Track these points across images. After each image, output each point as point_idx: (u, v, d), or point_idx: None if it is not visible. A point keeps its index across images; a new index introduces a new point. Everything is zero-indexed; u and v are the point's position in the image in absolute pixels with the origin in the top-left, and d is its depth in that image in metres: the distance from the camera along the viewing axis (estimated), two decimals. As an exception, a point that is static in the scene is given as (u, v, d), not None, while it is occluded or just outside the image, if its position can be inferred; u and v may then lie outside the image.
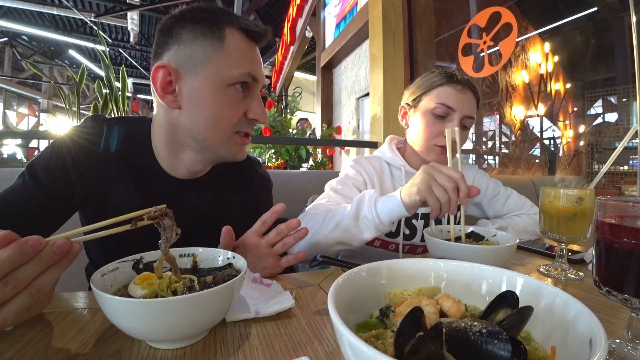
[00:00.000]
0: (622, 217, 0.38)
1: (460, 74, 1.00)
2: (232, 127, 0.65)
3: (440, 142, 0.97)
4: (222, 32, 0.61)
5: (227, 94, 0.63)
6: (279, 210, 0.63)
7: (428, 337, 0.27)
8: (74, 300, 0.52)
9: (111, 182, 0.68)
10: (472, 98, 0.99)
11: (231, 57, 0.62)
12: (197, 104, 0.63)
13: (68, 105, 2.58)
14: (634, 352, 0.37)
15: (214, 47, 0.61)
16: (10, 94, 9.13)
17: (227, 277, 0.44)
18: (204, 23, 0.61)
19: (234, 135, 0.67)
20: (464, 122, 0.98)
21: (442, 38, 2.85)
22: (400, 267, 0.43)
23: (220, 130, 0.65)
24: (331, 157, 4.41)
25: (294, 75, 7.86)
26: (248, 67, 0.64)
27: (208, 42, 0.61)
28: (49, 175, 0.64)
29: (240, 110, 0.65)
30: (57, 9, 5.92)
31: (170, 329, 0.37)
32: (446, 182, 0.65)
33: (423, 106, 1.00)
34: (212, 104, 0.63)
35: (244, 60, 0.64)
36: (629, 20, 1.58)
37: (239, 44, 0.63)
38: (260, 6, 6.60)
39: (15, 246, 0.34)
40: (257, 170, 0.88)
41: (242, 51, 0.64)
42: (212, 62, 0.61)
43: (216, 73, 0.62)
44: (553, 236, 0.69)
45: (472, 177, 1.13)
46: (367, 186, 1.00)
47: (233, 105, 0.64)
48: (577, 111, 4.87)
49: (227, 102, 0.64)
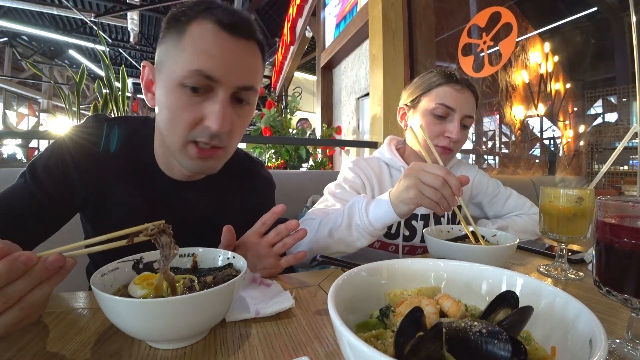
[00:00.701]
0: (622, 217, 0.38)
1: (459, 74, 0.99)
2: (184, 133, 0.58)
3: (440, 143, 0.97)
4: (185, 26, 0.56)
5: (177, 95, 0.57)
6: (278, 211, 0.62)
7: (428, 337, 0.27)
8: (74, 300, 0.52)
9: (111, 182, 0.67)
10: (472, 97, 0.99)
11: (184, 53, 0.56)
12: (159, 105, 0.60)
13: (68, 105, 2.58)
14: (634, 352, 0.37)
15: (174, 43, 0.57)
16: (10, 94, 9.13)
17: (227, 277, 0.44)
18: (172, 18, 0.58)
19: (189, 145, 0.60)
20: (464, 121, 0.98)
21: (442, 38, 2.85)
22: (400, 267, 0.43)
23: (173, 135, 0.59)
24: (331, 157, 4.41)
25: (294, 75, 7.86)
26: (201, 65, 0.55)
27: (171, 38, 0.57)
28: (49, 176, 0.63)
29: (193, 115, 0.57)
30: (57, 9, 5.92)
31: (170, 329, 0.37)
32: (433, 180, 0.63)
33: (422, 107, 0.99)
34: (166, 105, 0.58)
35: (199, 57, 0.55)
36: (629, 20, 1.58)
37: (200, 39, 0.56)
38: (260, 6, 6.60)
39: (6, 262, 0.33)
40: (260, 172, 0.85)
41: (202, 47, 0.55)
42: (170, 60, 0.57)
43: (169, 72, 0.57)
44: (553, 236, 0.69)
45: (472, 177, 1.12)
46: (366, 188, 0.99)
47: (185, 108, 0.57)
48: (577, 111, 4.87)
49: (178, 104, 0.57)
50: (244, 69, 0.59)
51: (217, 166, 0.65)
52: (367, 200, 0.74)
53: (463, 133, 0.99)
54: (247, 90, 0.60)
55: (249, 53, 0.60)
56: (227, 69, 0.56)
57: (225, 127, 0.57)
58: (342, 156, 4.59)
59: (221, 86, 0.57)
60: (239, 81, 0.58)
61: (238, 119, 0.62)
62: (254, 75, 0.61)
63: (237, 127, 0.63)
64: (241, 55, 0.58)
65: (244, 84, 0.59)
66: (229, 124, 0.59)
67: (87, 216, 0.71)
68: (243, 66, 0.59)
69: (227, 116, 0.58)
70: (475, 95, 1.00)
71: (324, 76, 5.38)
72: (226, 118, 0.57)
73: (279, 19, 6.96)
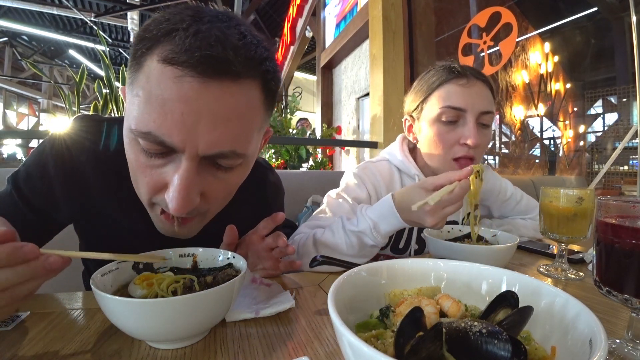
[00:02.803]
0: (622, 217, 0.38)
1: (462, 65, 0.84)
2: (146, 196, 0.47)
3: (459, 153, 0.81)
4: (143, 57, 0.41)
5: (134, 151, 0.44)
6: (278, 220, 0.60)
7: (428, 337, 0.27)
8: (74, 300, 0.52)
9: (104, 189, 0.57)
10: (484, 88, 0.82)
11: (136, 99, 0.42)
12: (125, 147, 0.47)
13: (68, 105, 2.58)
14: (634, 352, 0.37)
15: (131, 77, 0.43)
16: (10, 94, 9.14)
17: (227, 277, 0.44)
18: (135, 40, 0.44)
19: (154, 207, 0.49)
20: (482, 119, 0.81)
21: (442, 38, 2.85)
22: (400, 267, 0.43)
23: (137, 191, 0.49)
24: (331, 157, 4.42)
25: (294, 75, 7.87)
26: (151, 126, 0.40)
27: (131, 68, 0.44)
28: (31, 188, 0.56)
29: (153, 181, 0.44)
30: (57, 8, 5.92)
31: (170, 329, 0.37)
32: (454, 208, 0.60)
33: (427, 114, 0.84)
34: (127, 154, 0.47)
35: (151, 113, 0.40)
36: (629, 20, 1.58)
37: (156, 85, 0.39)
38: (260, 6, 6.60)
39: (8, 247, 0.32)
40: (269, 179, 0.76)
41: (155, 97, 0.39)
42: (127, 99, 0.45)
43: (126, 118, 0.44)
44: (553, 236, 0.69)
45: (486, 181, 1.02)
46: (371, 200, 0.86)
47: (143, 171, 0.44)
48: (577, 111, 4.87)
49: (136, 163, 0.45)
50: (219, 128, 0.41)
51: (193, 231, 0.53)
52: (374, 222, 0.67)
53: (483, 134, 0.83)
54: (225, 158, 0.44)
55: (229, 102, 0.41)
56: (188, 132, 0.40)
57: (185, 208, 0.43)
58: (342, 156, 4.60)
59: (183, 154, 0.42)
60: (209, 147, 0.42)
61: (218, 184, 0.47)
62: (237, 135, 0.44)
63: (218, 193, 0.49)
64: (215, 108, 0.40)
65: (218, 151, 0.42)
66: (195, 199, 0.44)
67: (81, 227, 0.65)
68: (217, 124, 0.41)
69: (190, 193, 0.43)
70: (488, 84, 0.84)
71: (324, 76, 5.38)
72: (188, 197, 0.43)
73: (279, 19, 6.95)
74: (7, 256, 0.32)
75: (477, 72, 0.83)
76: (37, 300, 0.50)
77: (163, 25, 0.40)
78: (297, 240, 0.75)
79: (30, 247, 0.33)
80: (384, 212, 0.66)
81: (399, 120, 1.07)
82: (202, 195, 0.46)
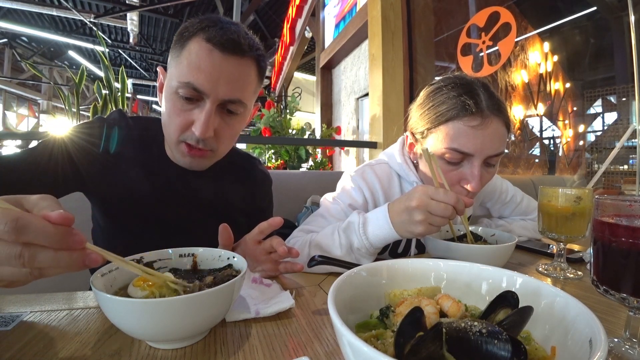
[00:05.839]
0: (619, 216, 0.38)
1: (479, 95, 0.74)
2: (176, 134, 0.67)
3: (457, 191, 0.76)
4: (186, 41, 0.64)
5: (172, 101, 0.66)
6: (275, 224, 0.61)
7: (428, 337, 0.27)
8: (74, 300, 0.52)
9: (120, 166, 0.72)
10: (499, 126, 0.73)
11: (181, 66, 0.64)
12: (162, 106, 0.70)
13: (68, 106, 2.58)
14: (632, 350, 0.37)
15: (176, 55, 0.65)
16: (10, 95, 9.12)
17: (227, 278, 0.44)
18: (179, 32, 0.66)
19: (181, 144, 0.68)
20: (489, 160, 0.75)
21: (441, 38, 2.85)
22: (400, 267, 0.43)
23: (169, 134, 0.69)
24: (331, 158, 4.41)
25: (294, 76, 7.86)
26: (191, 78, 0.62)
27: (175, 50, 0.66)
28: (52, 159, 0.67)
29: (184, 120, 0.66)
30: (57, 10, 5.92)
31: (170, 329, 0.37)
32: (443, 211, 0.60)
33: (431, 145, 0.78)
34: (165, 107, 0.68)
35: (191, 71, 0.63)
36: (628, 19, 1.59)
37: (195, 55, 0.63)
38: (260, 6, 6.61)
39: (62, 230, 0.32)
40: (258, 167, 0.92)
41: (194, 62, 0.62)
42: (171, 69, 0.67)
43: (170, 80, 0.66)
44: (552, 235, 0.69)
45: None
46: (369, 206, 0.85)
47: (178, 113, 0.66)
48: (577, 110, 4.87)
49: (173, 109, 0.66)
50: (232, 83, 0.65)
51: (205, 165, 0.74)
52: (364, 221, 0.69)
53: (487, 172, 0.76)
54: (234, 103, 0.67)
55: (238, 69, 0.65)
56: (214, 83, 0.63)
57: (207, 133, 0.65)
58: (341, 156, 4.60)
59: (208, 98, 0.64)
60: (225, 95, 0.65)
61: (226, 127, 0.69)
62: (242, 89, 0.67)
63: (226, 134, 0.69)
64: (230, 71, 0.64)
65: (230, 98, 0.65)
66: (212, 131, 0.66)
67: (90, 193, 0.75)
68: (231, 81, 0.65)
69: (210, 125, 0.65)
70: (505, 120, 0.75)
71: (324, 76, 5.39)
72: (209, 126, 0.65)
73: (279, 20, 6.96)
74: (58, 240, 0.32)
75: (494, 106, 0.73)
76: (37, 300, 0.51)
77: (200, 24, 0.64)
78: (291, 244, 0.77)
79: (80, 237, 0.33)
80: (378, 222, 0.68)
81: (398, 121, 1.07)
82: (215, 133, 0.67)
